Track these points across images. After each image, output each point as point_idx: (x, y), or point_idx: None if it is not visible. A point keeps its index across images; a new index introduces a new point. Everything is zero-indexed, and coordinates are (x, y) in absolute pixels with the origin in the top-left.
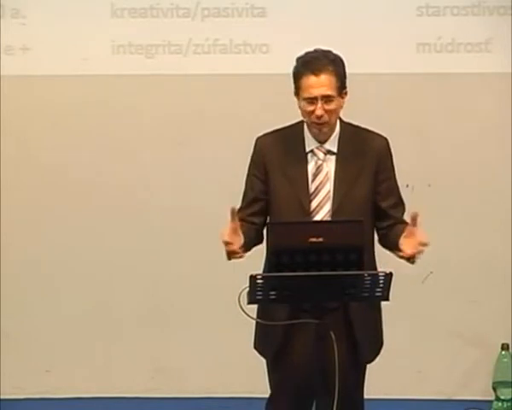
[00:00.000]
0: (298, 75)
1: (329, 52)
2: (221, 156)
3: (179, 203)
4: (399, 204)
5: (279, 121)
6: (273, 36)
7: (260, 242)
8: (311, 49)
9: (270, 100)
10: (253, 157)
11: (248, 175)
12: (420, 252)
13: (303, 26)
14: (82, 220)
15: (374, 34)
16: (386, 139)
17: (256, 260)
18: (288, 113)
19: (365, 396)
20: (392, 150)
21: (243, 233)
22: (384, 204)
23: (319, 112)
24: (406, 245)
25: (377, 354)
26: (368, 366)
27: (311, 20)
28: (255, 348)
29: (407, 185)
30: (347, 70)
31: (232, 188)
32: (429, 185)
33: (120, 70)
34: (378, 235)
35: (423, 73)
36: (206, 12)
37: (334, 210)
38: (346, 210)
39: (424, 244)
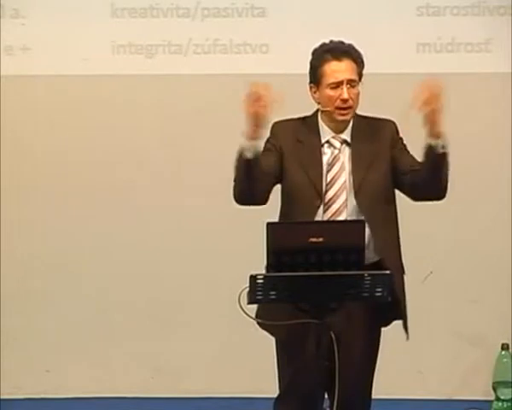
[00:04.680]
0: (319, 63)
1: (344, 42)
2: (221, 156)
3: (179, 203)
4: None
5: None
6: (273, 36)
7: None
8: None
9: (270, 100)
10: (268, 139)
11: (262, 151)
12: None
13: (303, 26)
14: (82, 220)
15: (374, 34)
16: (394, 122)
17: (256, 260)
18: (288, 112)
19: None
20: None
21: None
22: (404, 161)
23: (346, 95)
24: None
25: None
26: None
27: (311, 20)
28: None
29: None
30: None
31: (231, 187)
32: None
33: (120, 70)
34: (408, 186)
35: (423, 73)
36: (206, 12)
37: (356, 189)
38: (366, 194)
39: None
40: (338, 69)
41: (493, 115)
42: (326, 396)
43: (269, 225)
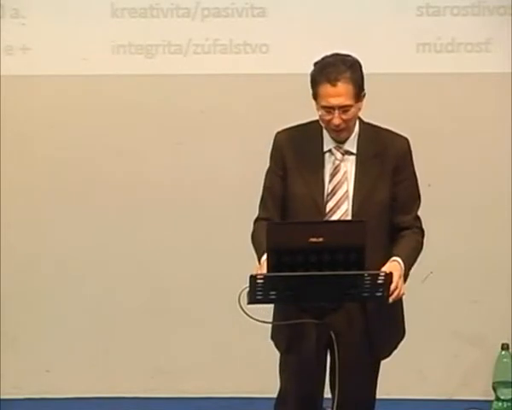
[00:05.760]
0: (315, 82)
1: (347, 57)
2: (221, 156)
3: (178, 203)
4: (411, 207)
5: (279, 121)
6: (273, 36)
7: None
8: (330, 53)
9: (270, 100)
10: (272, 152)
11: (268, 170)
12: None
13: (303, 26)
14: (82, 220)
15: (374, 34)
16: (406, 140)
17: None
18: (289, 112)
19: None
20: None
21: None
22: (394, 207)
23: (336, 121)
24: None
25: (395, 347)
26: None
27: (311, 20)
28: (271, 338)
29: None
30: None
31: (232, 187)
32: (429, 185)
33: (120, 70)
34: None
35: (423, 73)
36: (206, 12)
37: (355, 213)
38: (366, 213)
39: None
40: (330, 93)
41: (493, 115)
42: (326, 396)
43: (269, 225)
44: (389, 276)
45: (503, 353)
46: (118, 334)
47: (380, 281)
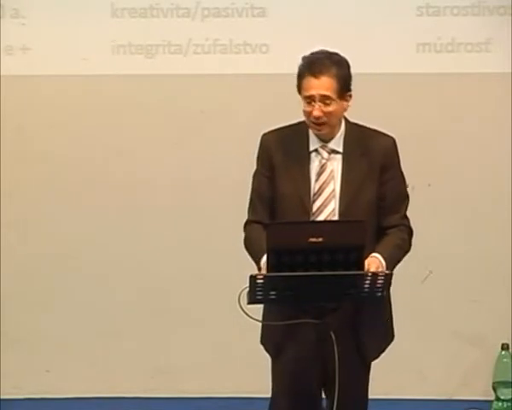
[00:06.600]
0: (300, 75)
1: (334, 54)
2: (221, 156)
3: (178, 203)
4: (398, 206)
5: (279, 121)
6: (273, 36)
7: None
8: (318, 49)
9: (270, 100)
10: (258, 154)
11: (255, 173)
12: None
13: (303, 26)
14: (82, 219)
15: (374, 34)
16: (392, 139)
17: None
18: (288, 113)
19: None
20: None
21: None
22: (381, 207)
23: (316, 113)
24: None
25: (383, 350)
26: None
27: (311, 20)
28: (261, 342)
29: (407, 185)
30: None
31: (231, 187)
32: (429, 185)
33: (120, 70)
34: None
35: (423, 73)
36: (206, 12)
37: (341, 212)
38: (353, 212)
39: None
40: (312, 85)
41: (493, 115)
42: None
43: (268, 225)
44: (388, 276)
45: (503, 353)
46: (118, 334)
47: (380, 281)
